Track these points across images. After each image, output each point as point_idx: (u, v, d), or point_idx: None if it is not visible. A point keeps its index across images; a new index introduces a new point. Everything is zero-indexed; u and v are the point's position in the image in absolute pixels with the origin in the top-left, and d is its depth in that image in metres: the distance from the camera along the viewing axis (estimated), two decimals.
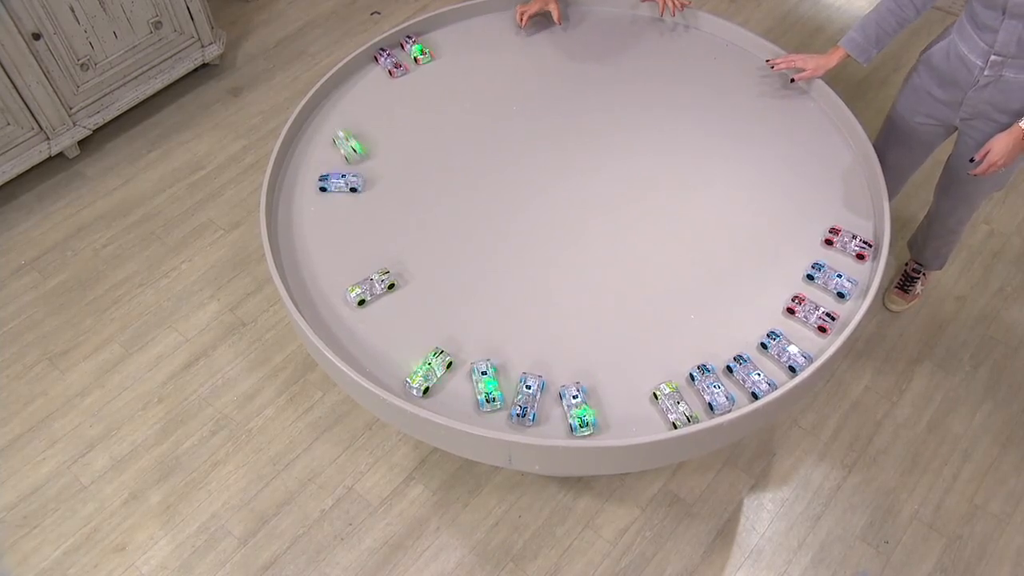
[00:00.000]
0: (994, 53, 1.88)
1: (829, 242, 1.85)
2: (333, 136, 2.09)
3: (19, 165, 2.93)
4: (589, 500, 2.25)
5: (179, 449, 2.37)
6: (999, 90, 1.94)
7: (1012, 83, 1.91)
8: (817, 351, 1.67)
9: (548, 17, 2.40)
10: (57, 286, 2.75)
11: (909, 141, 2.23)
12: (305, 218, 1.94)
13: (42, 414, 2.45)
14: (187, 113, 3.27)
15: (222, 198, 2.98)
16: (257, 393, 2.48)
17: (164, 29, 3.13)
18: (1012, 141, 1.92)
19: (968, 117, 2.06)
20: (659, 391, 1.62)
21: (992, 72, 1.91)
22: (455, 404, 1.63)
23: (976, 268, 2.73)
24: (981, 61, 1.92)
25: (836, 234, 1.85)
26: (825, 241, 1.85)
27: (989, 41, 1.88)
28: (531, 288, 1.81)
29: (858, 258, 1.82)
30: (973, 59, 1.93)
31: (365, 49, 2.28)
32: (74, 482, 2.31)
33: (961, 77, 1.99)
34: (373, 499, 2.27)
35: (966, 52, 1.95)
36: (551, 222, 1.93)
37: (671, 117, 2.14)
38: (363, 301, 1.78)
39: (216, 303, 2.69)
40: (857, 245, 1.83)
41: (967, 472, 2.29)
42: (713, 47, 2.32)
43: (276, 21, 3.64)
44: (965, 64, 1.96)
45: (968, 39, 1.93)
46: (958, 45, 1.97)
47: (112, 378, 2.52)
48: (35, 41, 2.78)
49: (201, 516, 2.25)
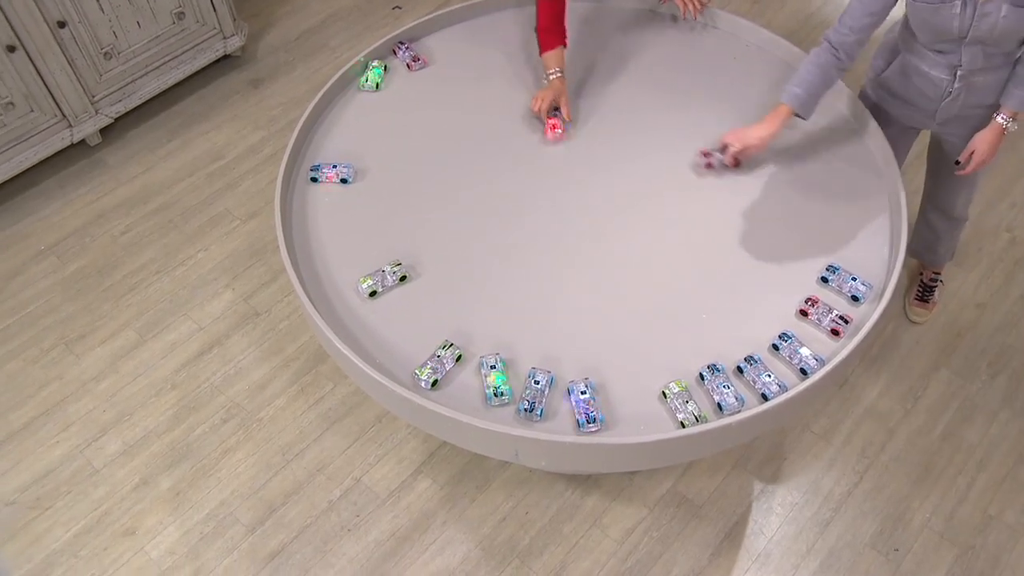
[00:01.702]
0: (961, 69, 1.86)
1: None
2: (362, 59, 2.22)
3: (41, 151, 2.96)
4: (597, 498, 2.24)
5: (190, 436, 2.39)
6: (971, 94, 1.92)
7: (983, 85, 1.90)
8: (830, 354, 1.65)
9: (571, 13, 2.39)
10: (75, 272, 2.78)
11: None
12: (320, 209, 1.95)
13: (57, 398, 2.47)
14: (207, 103, 3.29)
15: (240, 188, 3.00)
16: (269, 383, 2.49)
17: (187, 20, 3.15)
18: (993, 137, 1.95)
19: (943, 121, 2.04)
20: (668, 390, 1.61)
21: (962, 83, 1.90)
22: (464, 397, 1.63)
23: (997, 275, 2.69)
24: (948, 76, 1.90)
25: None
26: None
27: (953, 61, 1.86)
28: (543, 284, 1.80)
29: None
30: (938, 75, 1.91)
31: (384, 42, 2.29)
32: (86, 466, 2.34)
33: (929, 91, 1.97)
34: (381, 491, 2.27)
35: (927, 70, 1.92)
36: (565, 219, 1.92)
37: (689, 116, 2.12)
38: (375, 292, 1.78)
39: (231, 292, 2.71)
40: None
41: (982, 481, 2.26)
42: (733, 47, 2.30)
43: (298, 14, 3.65)
44: (930, 80, 1.93)
45: (925, 58, 1.90)
46: (916, 64, 1.94)
47: (127, 364, 2.54)
48: (60, 29, 2.81)
49: (210, 503, 2.26)
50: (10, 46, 2.71)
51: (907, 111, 2.07)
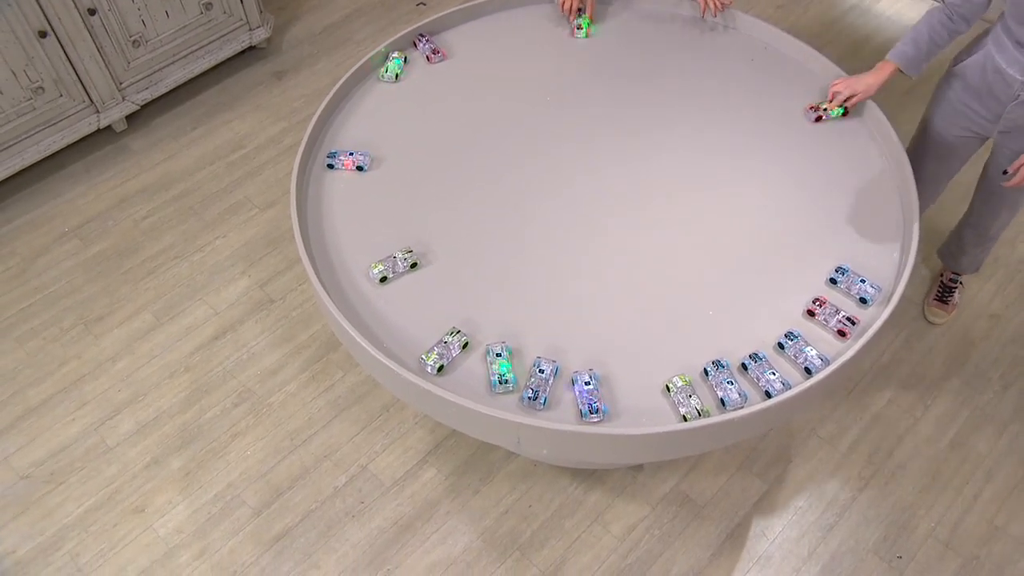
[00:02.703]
0: None
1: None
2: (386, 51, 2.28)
3: (69, 136, 3.02)
4: (600, 495, 2.25)
5: (202, 418, 2.42)
6: None
7: None
8: (835, 355, 1.65)
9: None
10: (97, 254, 2.83)
11: (945, 153, 2.19)
12: (335, 196, 1.98)
13: (75, 376, 2.52)
14: (231, 94, 3.34)
15: (259, 177, 3.04)
16: (280, 369, 2.53)
17: (214, 11, 3.20)
18: None
19: (1006, 130, 2.02)
20: (672, 384, 1.61)
21: None
22: (469, 384, 1.65)
23: (1013, 287, 2.67)
24: (1021, 75, 1.88)
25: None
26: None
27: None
28: (552, 275, 1.82)
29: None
30: (1012, 73, 1.90)
31: (405, 34, 2.31)
32: (100, 443, 2.38)
33: (1000, 91, 1.95)
34: (386, 479, 2.29)
35: (1004, 66, 1.91)
36: (576, 211, 1.93)
37: (702, 115, 2.13)
38: (385, 278, 1.80)
39: (247, 279, 2.75)
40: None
41: (989, 492, 2.24)
42: (751, 49, 2.31)
43: (324, 8, 3.70)
44: (1004, 78, 1.92)
45: (1006, 52, 1.89)
46: (995, 59, 1.93)
47: (143, 346, 2.59)
48: (90, 16, 2.86)
49: (218, 484, 2.29)
50: (41, 31, 2.77)
51: (973, 108, 2.04)
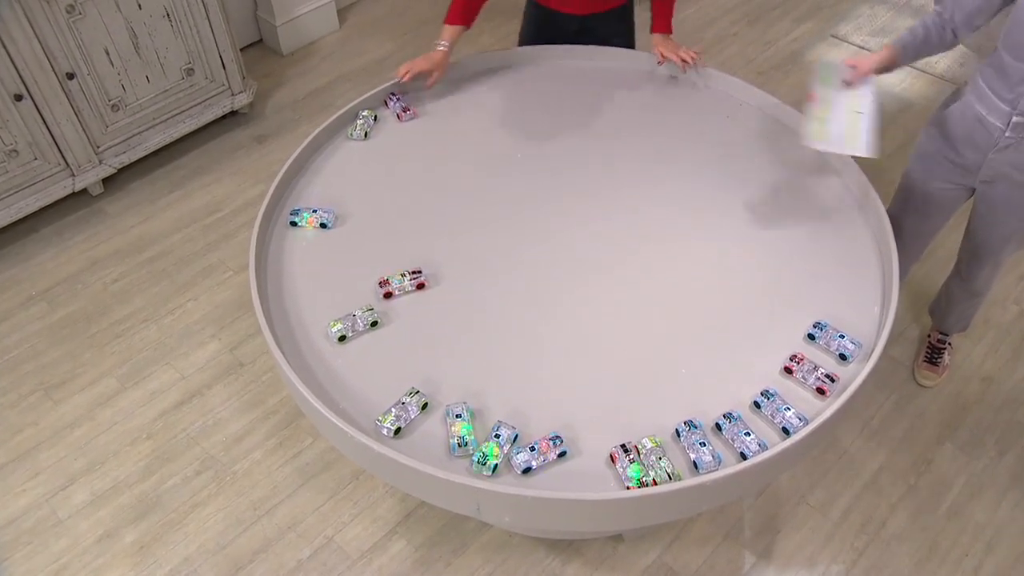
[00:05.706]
0: (1016, 114, 1.81)
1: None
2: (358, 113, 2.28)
3: (43, 199, 2.99)
4: (578, 567, 2.12)
5: (161, 488, 2.31)
6: (1021, 151, 1.86)
7: None
8: (814, 414, 1.56)
9: (567, 70, 2.40)
10: (63, 318, 2.76)
11: (926, 207, 2.14)
12: (296, 254, 1.92)
13: (29, 444, 2.41)
14: (211, 157, 3.32)
15: (235, 240, 2.99)
16: (247, 435, 2.42)
17: (196, 76, 3.21)
18: None
19: (988, 180, 1.97)
20: (641, 446, 1.52)
21: (1014, 134, 1.84)
22: (427, 447, 1.55)
23: (1005, 349, 2.59)
24: (1002, 123, 1.85)
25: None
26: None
27: (1011, 102, 1.81)
28: (517, 335, 1.74)
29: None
30: (993, 120, 1.86)
31: (376, 92, 2.30)
32: (51, 515, 2.26)
33: (980, 139, 1.91)
34: (352, 552, 2.17)
35: (984, 113, 1.87)
36: (543, 270, 1.87)
37: (674, 172, 2.09)
38: (344, 337, 1.73)
39: (217, 342, 2.67)
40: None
41: (990, 565, 2.11)
42: (727, 106, 2.29)
43: (308, 75, 3.72)
44: (984, 126, 1.89)
45: (986, 100, 1.86)
46: (975, 106, 1.90)
47: (104, 412, 2.49)
48: (69, 80, 2.86)
49: (174, 559, 2.16)
50: (17, 95, 2.76)
51: (950, 158, 2.01)
